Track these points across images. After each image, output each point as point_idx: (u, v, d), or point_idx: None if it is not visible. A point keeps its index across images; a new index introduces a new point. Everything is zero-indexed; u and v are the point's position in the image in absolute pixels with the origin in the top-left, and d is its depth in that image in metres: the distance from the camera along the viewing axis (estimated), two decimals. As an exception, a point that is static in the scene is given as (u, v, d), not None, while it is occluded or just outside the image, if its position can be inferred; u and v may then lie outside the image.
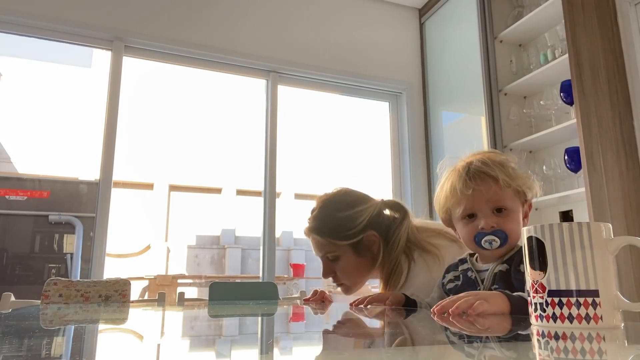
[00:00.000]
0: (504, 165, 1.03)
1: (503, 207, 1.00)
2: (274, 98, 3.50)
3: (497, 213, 1.00)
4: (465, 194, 1.01)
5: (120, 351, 0.57)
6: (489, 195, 0.99)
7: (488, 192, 0.99)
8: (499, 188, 1.00)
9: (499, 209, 1.00)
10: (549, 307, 0.63)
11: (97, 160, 3.02)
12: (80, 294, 1.78)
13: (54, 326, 0.89)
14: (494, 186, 1.00)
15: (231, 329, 0.88)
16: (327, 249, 1.42)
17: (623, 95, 2.52)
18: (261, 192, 3.45)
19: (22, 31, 2.99)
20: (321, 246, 1.43)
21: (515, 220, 1.01)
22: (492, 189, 1.00)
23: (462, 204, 1.02)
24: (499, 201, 1.00)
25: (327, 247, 1.42)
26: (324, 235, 1.43)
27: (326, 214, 1.45)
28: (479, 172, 1.01)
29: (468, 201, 1.01)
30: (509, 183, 1.00)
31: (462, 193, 1.01)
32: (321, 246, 1.43)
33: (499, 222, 0.99)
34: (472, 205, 1.01)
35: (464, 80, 3.46)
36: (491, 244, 0.99)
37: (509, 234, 0.99)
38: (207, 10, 3.35)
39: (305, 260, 8.92)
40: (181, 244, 8.72)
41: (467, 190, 1.01)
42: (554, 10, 2.86)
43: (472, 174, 1.02)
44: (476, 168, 1.02)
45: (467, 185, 1.01)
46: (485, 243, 0.99)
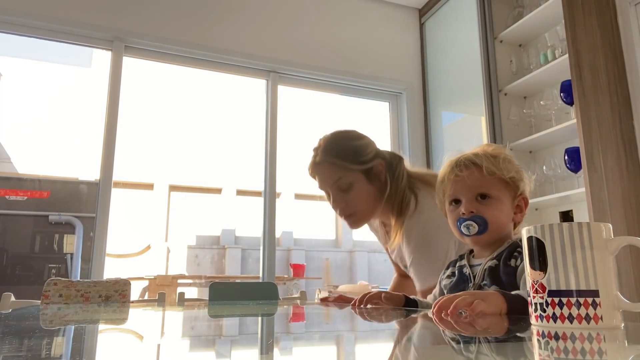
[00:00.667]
0: (495, 156, 1.05)
1: (487, 194, 1.02)
2: (274, 98, 3.50)
3: (481, 199, 1.02)
4: (450, 180, 1.05)
5: (120, 351, 0.57)
6: (471, 181, 1.02)
7: (470, 178, 1.02)
8: (481, 175, 1.02)
9: (482, 195, 1.02)
10: (549, 307, 0.63)
11: (97, 160, 3.02)
12: (81, 294, 1.78)
13: (54, 326, 0.89)
14: (477, 173, 1.03)
15: (231, 329, 0.88)
16: (341, 175, 1.40)
17: (623, 96, 2.52)
18: (261, 192, 3.45)
19: (22, 31, 2.99)
20: (334, 175, 1.41)
21: (498, 209, 1.02)
22: (474, 175, 1.03)
23: (448, 190, 1.07)
24: (481, 187, 1.02)
25: (340, 174, 1.41)
26: (340, 159, 1.41)
27: (339, 142, 1.45)
28: (466, 161, 1.05)
29: (452, 187, 1.05)
30: (493, 171, 1.02)
31: (448, 179, 1.06)
32: (334, 175, 1.41)
33: (479, 209, 1.01)
34: (454, 191, 1.05)
35: (464, 81, 3.46)
36: (469, 229, 1.01)
37: (489, 220, 1.00)
38: (207, 11, 3.35)
39: (305, 260, 8.93)
40: (181, 244, 8.72)
41: (451, 175, 1.05)
42: (554, 10, 2.86)
43: (459, 162, 1.06)
44: (465, 157, 1.06)
45: (453, 172, 1.05)
46: (463, 228, 1.02)
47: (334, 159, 1.42)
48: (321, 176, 1.45)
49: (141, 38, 3.17)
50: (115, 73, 3.11)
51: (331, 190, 1.43)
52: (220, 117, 8.63)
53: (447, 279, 1.10)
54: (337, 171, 1.41)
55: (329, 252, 9.74)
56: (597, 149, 2.46)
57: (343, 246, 9.99)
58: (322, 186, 1.46)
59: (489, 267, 1.00)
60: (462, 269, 1.07)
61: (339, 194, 1.42)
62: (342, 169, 1.41)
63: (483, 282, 0.99)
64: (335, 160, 1.42)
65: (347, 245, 9.96)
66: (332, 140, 1.45)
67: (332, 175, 1.42)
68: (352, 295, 1.40)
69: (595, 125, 2.48)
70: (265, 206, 3.37)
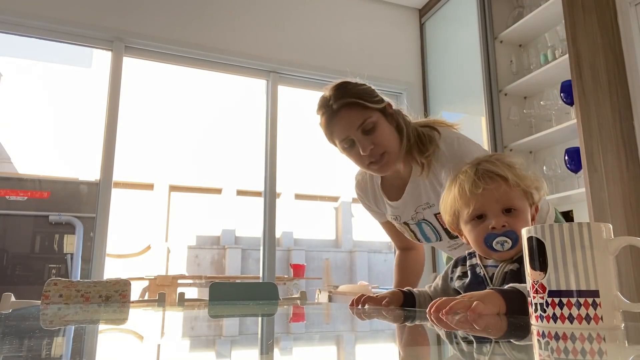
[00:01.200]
0: (512, 165, 1.02)
1: (513, 207, 0.98)
2: (274, 98, 3.50)
3: (507, 213, 0.98)
4: (475, 194, 0.99)
5: (121, 351, 0.57)
6: (499, 194, 0.98)
7: (498, 191, 0.98)
8: (508, 187, 0.98)
9: (509, 209, 0.98)
10: (549, 307, 0.63)
11: (98, 161, 3.02)
12: (81, 294, 1.78)
13: (54, 326, 0.89)
14: (504, 185, 0.98)
15: (231, 330, 0.88)
16: (365, 116, 1.35)
17: (623, 96, 2.52)
18: (261, 193, 3.45)
19: (22, 32, 2.99)
20: (358, 116, 1.35)
21: (525, 220, 0.99)
22: (502, 187, 0.98)
23: (472, 204, 1.00)
24: (509, 201, 0.98)
25: (364, 115, 1.35)
26: (361, 99, 1.36)
27: (349, 87, 1.40)
28: (488, 172, 1.00)
29: (477, 201, 0.99)
30: (517, 183, 0.99)
31: (472, 193, 0.99)
32: (358, 116, 1.35)
33: (509, 222, 0.97)
34: (481, 204, 0.99)
35: (464, 81, 3.46)
36: (503, 245, 0.96)
37: (519, 234, 0.95)
38: (208, 11, 3.35)
39: (305, 260, 8.93)
40: (181, 244, 8.72)
41: (476, 190, 0.99)
42: (554, 10, 2.86)
43: (480, 173, 1.00)
44: (485, 168, 1.01)
45: (477, 185, 0.99)
46: (497, 245, 0.96)
47: (354, 100, 1.36)
48: (343, 123, 1.36)
49: (141, 38, 3.17)
50: (115, 73, 3.11)
51: (356, 135, 1.35)
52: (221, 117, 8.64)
53: (459, 279, 1.06)
54: (360, 112, 1.36)
55: (329, 252, 9.74)
56: (597, 149, 2.46)
57: (343, 246, 10.00)
58: (345, 134, 1.36)
59: (510, 270, 0.97)
60: (474, 268, 1.03)
61: (364, 137, 1.35)
62: (364, 109, 1.36)
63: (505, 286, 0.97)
64: (356, 101, 1.36)
65: (347, 246, 9.97)
66: (342, 87, 1.40)
67: (357, 118, 1.35)
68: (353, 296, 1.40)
69: (596, 126, 2.48)
70: (265, 206, 3.37)
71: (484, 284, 1.00)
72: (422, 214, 1.47)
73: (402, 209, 1.50)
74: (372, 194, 1.60)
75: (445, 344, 0.59)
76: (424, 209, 1.46)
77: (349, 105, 1.36)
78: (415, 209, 1.47)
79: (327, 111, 1.38)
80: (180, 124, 8.56)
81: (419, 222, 1.49)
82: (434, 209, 1.44)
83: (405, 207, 1.49)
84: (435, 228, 1.48)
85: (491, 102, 3.20)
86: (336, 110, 1.36)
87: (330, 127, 1.39)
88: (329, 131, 1.40)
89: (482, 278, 1.01)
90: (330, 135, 1.40)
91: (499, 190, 0.98)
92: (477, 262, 1.04)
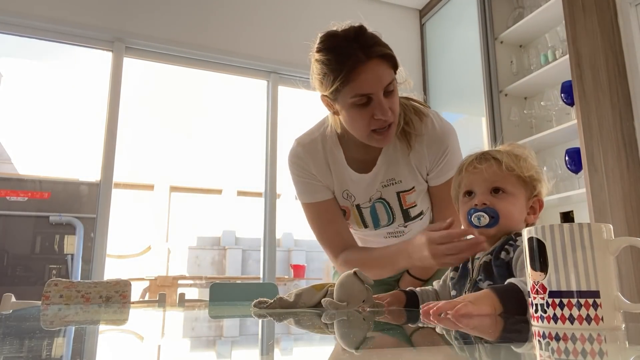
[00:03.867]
0: (517, 155, 1.05)
1: (501, 189, 1.01)
2: (274, 99, 3.50)
3: (494, 194, 1.01)
4: (468, 171, 1.05)
5: (121, 352, 0.57)
6: (488, 174, 1.02)
7: (487, 171, 1.02)
8: (499, 169, 1.01)
9: (497, 189, 1.01)
10: (550, 308, 0.63)
11: (98, 161, 3.02)
12: (81, 294, 1.78)
13: (54, 327, 0.89)
14: (495, 166, 1.02)
15: (232, 330, 0.88)
16: (392, 75, 1.20)
17: (624, 96, 2.52)
18: (262, 193, 3.45)
19: (23, 32, 2.99)
20: (388, 73, 1.19)
21: (512, 203, 1.01)
22: (491, 168, 1.02)
23: (463, 181, 1.06)
24: (497, 182, 1.01)
25: (391, 74, 1.20)
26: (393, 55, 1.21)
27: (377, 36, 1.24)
28: (487, 155, 1.05)
29: (468, 178, 1.05)
30: (511, 167, 1.01)
31: (466, 170, 1.05)
32: (388, 73, 1.19)
33: (492, 201, 1.00)
34: (470, 182, 1.04)
35: (464, 81, 3.46)
36: (479, 220, 1.00)
37: (500, 214, 0.99)
38: (208, 12, 3.35)
39: (305, 261, 8.92)
40: (182, 245, 8.72)
41: (470, 167, 1.05)
42: (554, 11, 2.86)
43: (481, 155, 1.06)
44: (487, 152, 1.06)
45: (471, 164, 1.05)
46: (474, 219, 1.00)
47: (390, 53, 1.19)
48: (372, 77, 1.16)
49: (141, 39, 3.17)
50: (115, 74, 3.11)
51: (378, 94, 1.17)
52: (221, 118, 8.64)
53: (453, 271, 1.09)
54: (389, 70, 1.19)
55: (330, 253, 9.71)
56: (597, 149, 2.46)
57: (343, 247, 9.97)
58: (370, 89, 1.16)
59: (484, 262, 0.99)
60: (466, 263, 1.06)
61: (385, 99, 1.18)
62: (392, 67, 1.20)
63: (478, 278, 0.99)
64: (391, 54, 1.19)
65: (348, 246, 9.94)
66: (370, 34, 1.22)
67: (387, 75, 1.18)
68: None
69: (596, 126, 2.48)
70: (265, 207, 3.38)
71: (467, 277, 1.03)
72: (380, 192, 1.36)
73: (366, 184, 1.36)
74: (322, 162, 1.38)
75: (443, 346, 0.59)
76: (387, 185, 1.36)
77: (382, 57, 1.18)
78: (377, 187, 1.36)
79: (349, 57, 1.16)
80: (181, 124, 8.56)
81: (373, 204, 1.37)
82: (399, 186, 1.35)
83: (372, 180, 1.35)
84: (391, 208, 1.37)
85: (491, 102, 3.20)
86: (364, 59, 1.15)
87: (348, 75, 1.16)
88: (345, 79, 1.16)
89: (467, 271, 1.04)
90: (343, 83, 1.17)
91: (489, 171, 1.02)
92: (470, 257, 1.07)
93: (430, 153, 1.33)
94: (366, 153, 1.35)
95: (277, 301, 1.14)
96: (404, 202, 1.37)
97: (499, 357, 0.47)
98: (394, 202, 1.37)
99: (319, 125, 1.45)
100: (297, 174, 1.41)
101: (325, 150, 1.38)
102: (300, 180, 1.41)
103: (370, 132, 1.22)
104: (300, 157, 1.40)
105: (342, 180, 1.38)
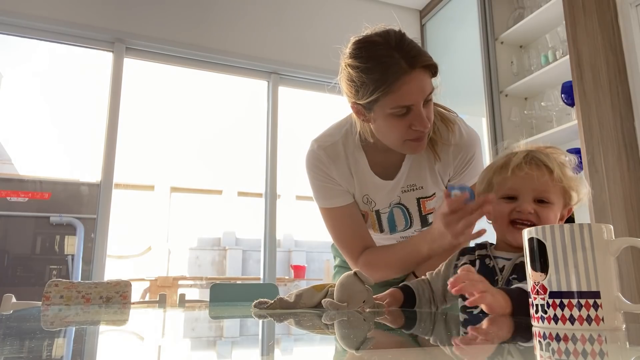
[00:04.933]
0: (563, 164, 1.03)
1: (546, 199, 1.00)
2: (274, 99, 3.50)
3: (539, 203, 1.00)
4: (516, 174, 1.01)
5: (121, 352, 0.57)
6: (539, 183, 0.99)
7: (539, 180, 0.99)
8: (551, 179, 1.00)
9: (541, 200, 1.00)
10: (550, 308, 0.63)
11: (99, 162, 3.03)
12: (81, 295, 1.78)
13: (55, 328, 0.89)
14: (547, 176, 1.00)
15: (232, 331, 0.88)
16: (432, 85, 1.18)
17: (624, 97, 2.52)
18: (262, 194, 3.45)
19: (23, 33, 2.99)
20: (429, 83, 1.17)
21: (553, 213, 1.00)
22: (544, 177, 1.00)
23: (508, 183, 1.02)
24: (545, 192, 1.00)
25: (431, 84, 1.18)
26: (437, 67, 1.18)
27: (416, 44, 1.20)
28: (537, 160, 1.01)
29: (515, 182, 1.01)
30: (561, 179, 1.00)
31: (513, 172, 1.01)
32: (429, 83, 1.17)
33: (539, 211, 0.99)
34: (518, 186, 1.01)
35: (464, 82, 3.46)
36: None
37: (543, 223, 0.97)
38: (208, 12, 3.36)
39: (306, 261, 8.92)
40: (182, 246, 8.72)
41: (519, 171, 1.01)
42: (554, 11, 2.86)
43: (530, 158, 1.02)
44: (536, 155, 1.03)
45: (521, 167, 1.01)
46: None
47: (434, 63, 1.17)
48: (416, 87, 1.13)
49: (142, 40, 3.17)
50: (116, 75, 3.12)
51: (419, 105, 1.15)
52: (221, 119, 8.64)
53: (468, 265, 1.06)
54: (429, 80, 1.17)
55: (330, 254, 9.71)
56: (598, 150, 2.46)
57: (344, 247, 9.96)
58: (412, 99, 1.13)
59: (521, 262, 0.97)
60: (484, 259, 1.04)
61: (424, 109, 1.16)
62: (433, 76, 1.18)
63: (512, 277, 0.97)
64: (434, 64, 1.17)
65: (348, 247, 9.93)
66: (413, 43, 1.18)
67: (429, 85, 1.16)
68: None
69: (596, 127, 2.48)
70: (266, 208, 3.38)
71: (492, 274, 1.00)
72: (400, 197, 1.34)
73: (388, 191, 1.33)
74: (344, 166, 1.34)
75: (443, 345, 0.59)
76: (407, 190, 1.33)
77: (427, 69, 1.15)
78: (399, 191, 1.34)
79: (392, 66, 1.11)
80: (181, 125, 8.56)
81: (392, 208, 1.35)
82: (420, 192, 1.33)
83: (395, 186, 1.33)
84: (409, 213, 1.35)
85: (492, 103, 3.21)
86: (408, 69, 1.11)
87: (391, 86, 1.11)
88: (387, 89, 1.11)
89: (491, 269, 1.01)
90: (385, 94, 1.12)
91: (540, 180, 0.99)
92: (488, 253, 1.04)
93: (455, 160, 1.31)
94: (390, 158, 1.32)
95: (277, 302, 1.14)
96: (423, 208, 1.35)
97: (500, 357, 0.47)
98: (414, 207, 1.35)
99: (338, 127, 1.39)
100: (317, 178, 1.35)
101: (347, 155, 1.33)
102: (320, 185, 1.35)
103: (404, 141, 1.20)
104: (322, 161, 1.34)
105: (364, 185, 1.35)
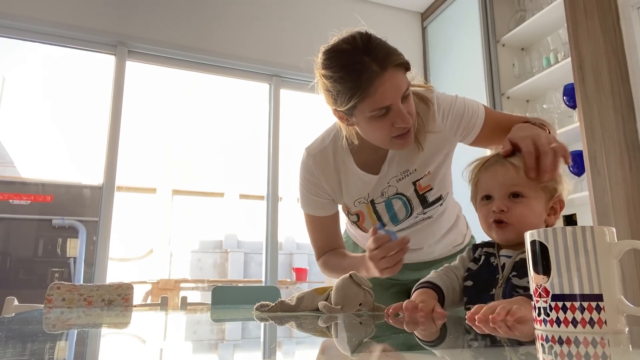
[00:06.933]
0: None
1: (520, 194, 1.01)
2: (276, 102, 3.51)
3: (513, 198, 1.02)
4: (488, 173, 1.05)
5: (123, 355, 0.57)
6: (506, 179, 1.02)
7: (504, 176, 1.02)
8: (518, 174, 1.02)
9: (515, 194, 1.02)
10: (553, 311, 0.63)
11: (101, 165, 3.03)
12: (83, 298, 1.78)
13: (57, 330, 0.89)
14: (512, 171, 1.02)
15: (234, 333, 0.88)
16: (407, 81, 1.18)
17: (626, 99, 2.51)
18: (264, 197, 3.45)
19: (26, 36, 3.01)
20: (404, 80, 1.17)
21: (529, 207, 1.01)
22: (509, 173, 1.02)
23: (483, 183, 1.06)
24: (514, 186, 1.02)
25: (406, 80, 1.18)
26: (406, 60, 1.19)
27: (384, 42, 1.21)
28: (504, 160, 1.05)
29: (487, 181, 1.05)
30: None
31: (486, 171, 1.06)
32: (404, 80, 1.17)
33: (510, 207, 1.01)
34: (489, 185, 1.05)
35: (466, 84, 3.46)
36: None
37: (515, 219, 0.99)
38: (210, 16, 3.37)
39: (307, 264, 8.92)
40: (184, 248, 8.72)
41: (489, 170, 1.05)
42: (556, 13, 2.86)
43: (499, 157, 1.06)
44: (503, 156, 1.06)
45: (488, 165, 1.06)
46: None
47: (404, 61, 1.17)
48: (390, 89, 1.12)
49: (144, 43, 3.18)
50: (118, 77, 3.12)
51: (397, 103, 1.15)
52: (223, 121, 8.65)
53: (473, 262, 1.07)
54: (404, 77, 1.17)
55: (332, 256, 9.69)
56: (600, 152, 2.45)
57: (345, 250, 9.95)
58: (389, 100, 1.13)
59: (521, 259, 0.98)
60: (489, 257, 1.05)
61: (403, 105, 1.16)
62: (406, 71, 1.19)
63: (512, 274, 0.97)
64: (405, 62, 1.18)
65: (349, 249, 9.93)
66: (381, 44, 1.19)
67: (403, 83, 1.16)
68: None
69: (598, 129, 2.48)
70: (267, 210, 3.38)
71: (494, 273, 1.01)
72: (395, 187, 1.34)
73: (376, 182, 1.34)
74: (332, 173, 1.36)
75: (446, 348, 0.59)
76: (402, 178, 1.34)
77: (398, 67, 1.15)
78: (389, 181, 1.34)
79: (363, 72, 1.11)
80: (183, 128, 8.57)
81: (389, 199, 1.35)
82: (414, 175, 1.33)
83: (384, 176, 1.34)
84: (408, 199, 1.35)
85: (494, 105, 3.20)
86: (380, 71, 1.11)
87: (366, 91, 1.11)
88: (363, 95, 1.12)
89: (494, 267, 1.02)
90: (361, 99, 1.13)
91: (506, 175, 1.02)
92: (494, 252, 1.05)
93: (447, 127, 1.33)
94: (377, 153, 1.33)
95: (278, 304, 1.14)
96: (419, 188, 1.35)
97: (501, 360, 0.47)
98: (411, 192, 1.35)
99: (328, 131, 1.41)
100: (306, 189, 1.40)
101: (336, 160, 1.36)
102: (307, 195, 1.40)
103: (391, 139, 1.20)
104: (311, 173, 1.37)
105: (353, 187, 1.36)
